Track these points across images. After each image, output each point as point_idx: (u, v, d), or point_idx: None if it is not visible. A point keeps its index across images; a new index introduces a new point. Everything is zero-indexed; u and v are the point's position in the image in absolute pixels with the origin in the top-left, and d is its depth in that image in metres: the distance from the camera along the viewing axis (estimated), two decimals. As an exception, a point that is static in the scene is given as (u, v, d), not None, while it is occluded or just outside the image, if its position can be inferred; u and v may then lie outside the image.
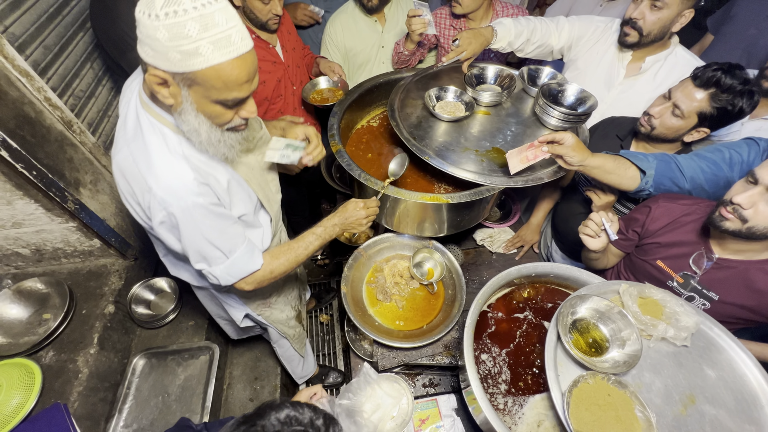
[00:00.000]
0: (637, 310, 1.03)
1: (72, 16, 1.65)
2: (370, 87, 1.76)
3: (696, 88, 1.23)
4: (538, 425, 1.04)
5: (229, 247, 1.06)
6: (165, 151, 0.92)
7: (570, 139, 1.22)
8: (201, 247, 1.01)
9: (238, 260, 1.08)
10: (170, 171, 0.92)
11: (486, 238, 1.87)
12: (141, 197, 0.94)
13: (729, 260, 1.13)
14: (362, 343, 1.65)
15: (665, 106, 1.29)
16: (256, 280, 1.15)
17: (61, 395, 1.48)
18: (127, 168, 0.93)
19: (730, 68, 1.19)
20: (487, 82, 1.67)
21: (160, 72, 0.79)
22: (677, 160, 1.27)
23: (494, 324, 1.24)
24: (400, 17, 2.11)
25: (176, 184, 0.92)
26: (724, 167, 1.24)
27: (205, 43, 0.76)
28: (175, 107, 0.87)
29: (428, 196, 1.31)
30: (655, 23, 1.43)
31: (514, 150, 1.24)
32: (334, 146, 1.46)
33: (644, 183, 1.26)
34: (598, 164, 1.25)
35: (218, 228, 1.01)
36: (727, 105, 1.20)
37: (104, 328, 1.68)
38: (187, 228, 0.96)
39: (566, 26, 1.68)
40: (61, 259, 1.82)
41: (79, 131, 1.63)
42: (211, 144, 0.93)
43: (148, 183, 0.90)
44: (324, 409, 0.74)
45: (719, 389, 0.96)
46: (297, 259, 1.22)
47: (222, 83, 0.82)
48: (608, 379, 0.93)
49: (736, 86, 1.18)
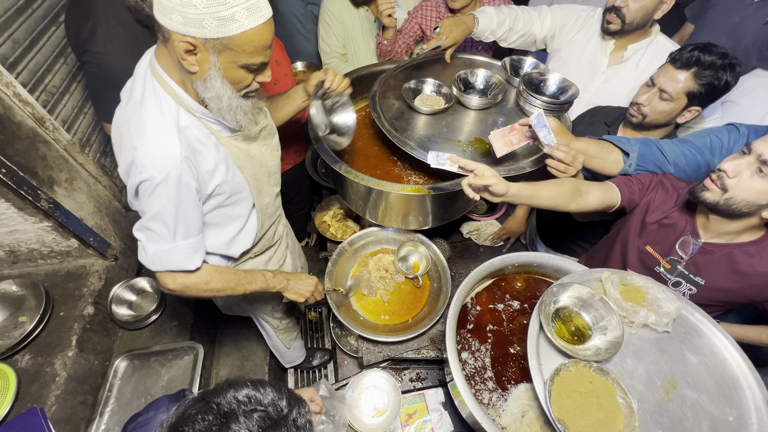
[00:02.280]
0: (618, 297, 1.02)
1: (43, 9, 1.60)
2: (353, 79, 1.73)
3: (677, 70, 1.24)
4: (522, 416, 1.03)
5: (181, 233, 1.01)
6: (159, 117, 0.93)
7: (553, 123, 1.21)
8: (154, 217, 0.97)
9: (179, 250, 1.02)
10: (158, 138, 0.92)
11: (473, 231, 1.86)
12: (126, 153, 0.95)
13: (713, 244, 1.13)
14: (348, 338, 1.63)
15: (652, 93, 1.30)
16: (184, 283, 1.07)
17: (37, 399, 1.43)
18: (121, 125, 0.97)
19: (705, 47, 1.21)
20: (476, 88, 1.60)
21: (191, 38, 0.83)
22: (659, 144, 1.27)
23: (478, 315, 1.23)
24: None
25: (159, 151, 0.92)
26: (705, 152, 1.25)
27: (240, 9, 0.81)
28: (200, 74, 0.90)
29: (410, 188, 1.29)
30: (638, 11, 1.43)
31: (497, 132, 1.23)
32: (315, 140, 1.43)
33: (627, 166, 1.26)
34: (582, 148, 1.24)
35: (181, 209, 0.98)
36: (713, 80, 1.21)
37: (83, 330, 1.63)
38: (152, 197, 0.94)
39: (549, 15, 1.67)
40: (38, 261, 1.76)
41: (52, 128, 1.58)
42: (230, 109, 0.98)
43: (134, 143, 0.92)
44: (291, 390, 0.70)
45: (701, 374, 0.96)
46: (236, 287, 1.17)
47: (252, 47, 0.88)
48: (590, 367, 0.92)
49: (717, 61, 1.19)
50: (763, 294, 1.09)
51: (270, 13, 0.88)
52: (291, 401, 0.67)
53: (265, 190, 1.27)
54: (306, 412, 0.68)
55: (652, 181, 1.24)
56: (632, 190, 1.23)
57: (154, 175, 0.91)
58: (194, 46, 0.84)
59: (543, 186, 1.15)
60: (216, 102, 0.95)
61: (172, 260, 1.03)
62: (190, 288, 1.09)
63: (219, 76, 0.91)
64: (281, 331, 1.78)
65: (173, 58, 0.91)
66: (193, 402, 0.64)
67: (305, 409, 0.68)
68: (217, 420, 0.61)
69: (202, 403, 0.63)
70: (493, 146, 1.23)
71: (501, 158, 1.33)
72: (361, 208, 1.53)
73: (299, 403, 0.68)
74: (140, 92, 0.95)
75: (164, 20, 0.82)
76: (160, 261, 1.02)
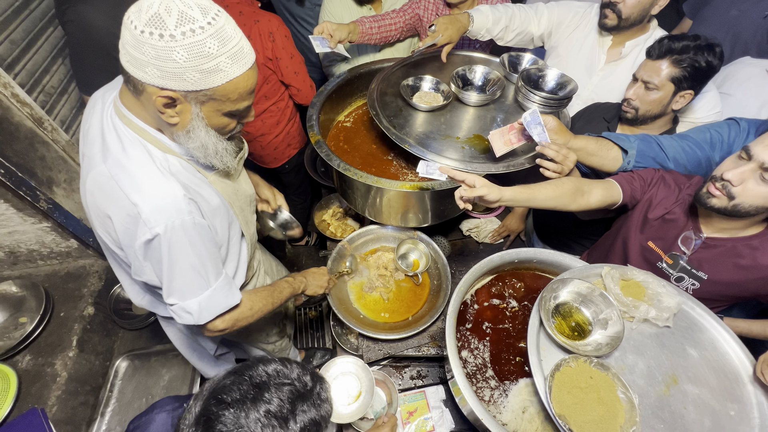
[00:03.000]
0: (618, 292, 1.02)
1: (40, 10, 1.60)
2: (351, 77, 1.74)
3: (655, 61, 1.26)
4: (523, 411, 1.02)
5: (213, 274, 0.95)
6: (152, 166, 0.85)
7: (552, 122, 1.21)
8: (182, 273, 0.90)
9: (218, 292, 0.96)
10: (158, 187, 0.84)
11: (472, 228, 1.86)
12: (121, 217, 0.85)
13: (716, 239, 1.12)
14: (348, 337, 1.63)
15: (638, 86, 1.32)
16: (233, 318, 1.03)
17: (38, 400, 1.44)
18: (104, 185, 0.85)
19: (673, 36, 1.24)
20: (475, 85, 1.59)
21: (170, 92, 0.76)
22: (659, 140, 1.27)
23: (478, 312, 1.23)
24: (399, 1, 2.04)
25: (166, 201, 0.84)
26: (705, 147, 1.25)
27: (224, 58, 0.75)
28: (181, 125, 0.83)
29: (409, 184, 1.29)
30: (634, 6, 1.42)
31: (496, 131, 1.23)
32: (313, 137, 1.43)
33: (626, 163, 1.26)
34: (580, 146, 1.24)
35: (206, 250, 0.92)
36: (693, 62, 1.22)
37: (83, 330, 1.63)
38: (173, 250, 0.86)
39: (545, 12, 1.66)
40: (38, 261, 1.77)
41: (50, 129, 1.58)
42: (217, 154, 0.91)
43: (132, 200, 0.82)
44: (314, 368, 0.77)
45: (702, 368, 0.96)
46: (274, 301, 1.16)
47: (237, 95, 0.82)
48: (590, 362, 0.91)
49: (689, 44, 1.21)
50: (767, 287, 1.09)
51: (254, 57, 0.82)
52: (314, 378, 0.74)
53: (249, 219, 1.24)
54: (327, 389, 0.75)
55: (654, 177, 1.23)
56: (634, 187, 1.22)
57: (166, 227, 0.83)
58: (174, 99, 0.77)
59: (541, 188, 1.13)
60: (202, 151, 0.88)
61: (218, 303, 0.98)
62: (239, 320, 1.05)
63: (203, 126, 0.84)
64: (277, 352, 1.75)
65: (148, 109, 0.83)
66: (226, 374, 0.70)
67: (326, 385, 0.76)
68: (251, 389, 0.66)
69: (235, 376, 0.68)
70: (493, 146, 1.23)
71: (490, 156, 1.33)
72: (360, 205, 1.53)
73: (321, 380, 0.75)
74: (117, 144, 0.85)
75: (137, 73, 0.74)
76: (206, 311, 0.96)
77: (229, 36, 0.75)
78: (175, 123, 0.82)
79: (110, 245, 0.96)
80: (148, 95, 0.77)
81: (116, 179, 0.83)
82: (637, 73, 1.33)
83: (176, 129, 0.84)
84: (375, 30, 1.85)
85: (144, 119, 0.86)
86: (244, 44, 0.79)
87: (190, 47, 0.71)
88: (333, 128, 1.75)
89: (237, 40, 0.77)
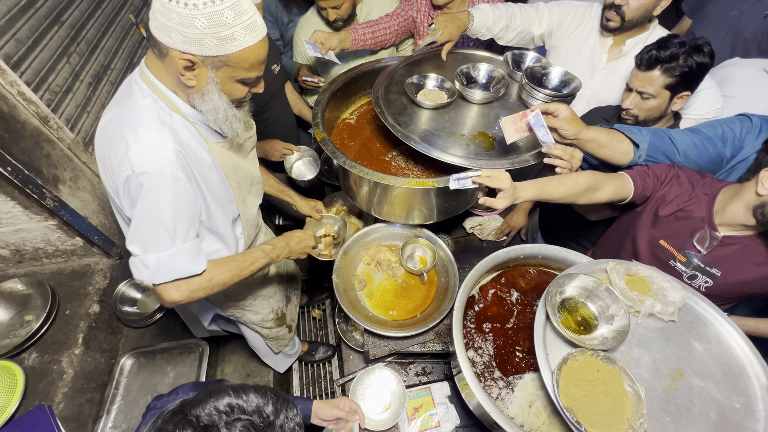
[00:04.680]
0: (624, 287, 1.03)
1: (46, 8, 1.60)
2: (355, 76, 1.74)
3: (645, 72, 1.25)
4: (530, 405, 1.03)
5: (181, 235, 0.95)
6: (154, 118, 0.94)
7: (565, 111, 1.19)
8: (150, 222, 0.92)
9: (181, 254, 0.95)
10: (152, 136, 0.92)
11: (476, 226, 1.87)
12: (114, 153, 0.92)
13: (732, 237, 1.12)
14: (353, 333, 1.63)
15: (633, 96, 1.33)
16: (190, 288, 0.99)
17: (45, 397, 1.44)
18: (111, 126, 0.95)
19: (659, 44, 1.22)
20: (479, 82, 1.59)
21: (190, 56, 0.86)
22: (671, 134, 1.26)
23: (484, 308, 1.24)
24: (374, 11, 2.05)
25: (154, 147, 0.91)
26: (717, 142, 1.25)
27: (239, 28, 0.84)
28: (197, 88, 0.93)
29: (414, 181, 1.30)
30: (638, 8, 1.43)
31: (508, 118, 1.22)
32: (318, 134, 1.44)
33: (637, 157, 1.25)
34: (592, 137, 1.23)
35: (179, 208, 0.94)
36: (684, 68, 1.21)
37: (89, 328, 1.64)
38: (148, 196, 0.90)
39: (546, 12, 1.67)
40: (43, 260, 1.77)
41: (56, 127, 1.58)
42: (226, 120, 1.00)
43: (126, 140, 0.90)
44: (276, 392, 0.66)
45: (707, 362, 0.97)
46: (240, 273, 1.11)
47: (249, 64, 0.92)
48: (597, 356, 0.92)
49: (677, 52, 1.20)
50: None
51: (265, 31, 0.92)
52: (278, 406, 0.63)
53: (248, 200, 1.26)
54: (295, 415, 0.65)
55: (669, 174, 1.22)
56: (646, 184, 1.21)
57: (147, 170, 0.89)
58: (193, 62, 0.87)
59: (556, 186, 1.15)
60: (213, 114, 0.97)
61: (178, 266, 0.96)
62: (197, 291, 1.01)
63: (217, 90, 0.93)
64: (272, 339, 1.77)
65: (169, 71, 0.93)
66: (171, 415, 0.59)
67: (293, 412, 0.65)
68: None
69: (180, 416, 0.58)
70: (504, 132, 1.22)
71: (504, 151, 1.33)
72: (366, 203, 1.54)
73: (287, 406, 0.64)
74: (130, 94, 0.96)
75: (163, 38, 0.85)
76: (165, 270, 0.94)
77: (245, 9, 0.85)
78: (192, 85, 0.92)
79: (112, 194, 1.02)
80: (171, 58, 0.87)
81: (120, 121, 0.93)
82: (630, 83, 1.32)
83: (193, 91, 0.94)
84: (369, 36, 1.88)
85: (163, 80, 0.96)
86: (257, 18, 0.88)
87: (210, 16, 0.80)
88: (337, 126, 1.76)
89: (251, 13, 0.86)
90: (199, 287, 1.01)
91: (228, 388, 0.63)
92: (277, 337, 1.78)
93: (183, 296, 0.99)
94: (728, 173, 1.30)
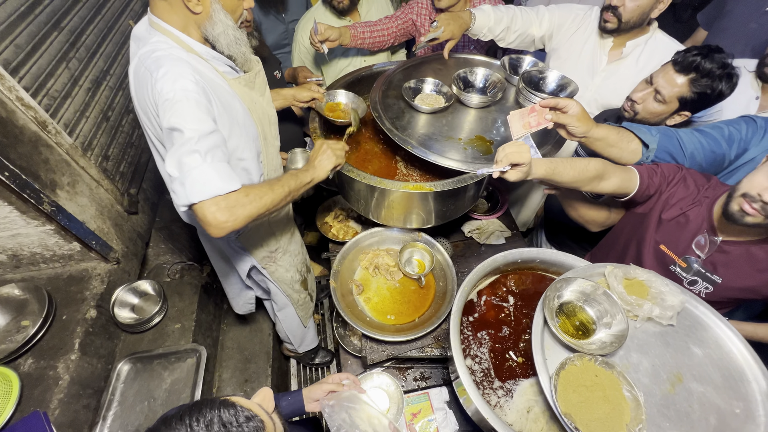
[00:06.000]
0: (622, 291, 1.02)
1: (45, 15, 1.61)
2: (353, 80, 1.75)
3: (677, 73, 1.23)
4: (528, 411, 1.02)
5: (210, 155, 0.95)
6: (169, 52, 1.01)
7: (575, 108, 1.17)
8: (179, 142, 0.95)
9: (213, 171, 0.94)
10: (172, 65, 0.98)
11: (474, 230, 1.86)
12: (147, 92, 1.01)
13: (731, 242, 1.11)
14: (351, 338, 1.62)
15: (648, 92, 1.30)
16: (229, 203, 0.95)
17: (40, 403, 1.43)
18: (137, 71, 1.04)
19: (709, 52, 1.19)
20: (476, 87, 1.60)
21: None
22: (679, 135, 1.25)
23: (482, 312, 1.23)
24: (372, 11, 2.09)
25: (176, 74, 0.98)
26: (723, 144, 1.24)
27: None
28: (205, 13, 1.02)
29: (412, 185, 1.30)
30: (634, 10, 1.44)
31: (516, 112, 1.20)
32: (316, 138, 1.44)
33: (645, 157, 1.24)
34: (602, 136, 1.22)
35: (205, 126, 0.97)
36: (707, 89, 1.20)
37: (86, 333, 1.63)
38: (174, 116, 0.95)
39: (546, 15, 1.68)
40: (40, 264, 1.76)
41: (54, 132, 1.58)
42: (236, 41, 1.10)
43: (153, 75, 0.98)
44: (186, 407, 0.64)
45: (706, 366, 0.96)
46: (273, 190, 1.06)
47: None
48: (595, 361, 0.92)
49: (715, 71, 1.18)
50: None
51: None
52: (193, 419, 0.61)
53: (269, 139, 1.33)
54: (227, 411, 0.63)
55: (677, 175, 1.19)
56: (651, 182, 1.18)
57: (171, 96, 0.96)
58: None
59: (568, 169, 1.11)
60: (224, 37, 1.07)
61: (212, 181, 0.94)
62: (236, 207, 0.97)
63: (220, 9, 1.03)
64: (300, 306, 1.83)
65: (175, 8, 1.01)
66: None
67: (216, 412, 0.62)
68: None
69: None
70: (511, 127, 1.20)
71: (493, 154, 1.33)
72: (363, 207, 1.54)
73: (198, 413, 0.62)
74: (146, 42, 1.04)
75: None
76: (201, 186, 0.93)
77: None
78: (199, 11, 1.00)
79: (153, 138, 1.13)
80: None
81: (144, 63, 1.01)
82: (654, 77, 1.30)
83: (201, 17, 1.03)
84: (367, 34, 1.90)
85: (172, 22, 1.04)
86: None
87: None
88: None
89: None
90: (237, 202, 0.97)
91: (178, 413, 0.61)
92: (304, 303, 1.86)
93: (225, 214, 0.95)
94: (732, 174, 1.30)
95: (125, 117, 2.02)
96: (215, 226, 0.95)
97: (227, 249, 1.53)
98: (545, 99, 1.19)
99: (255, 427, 0.63)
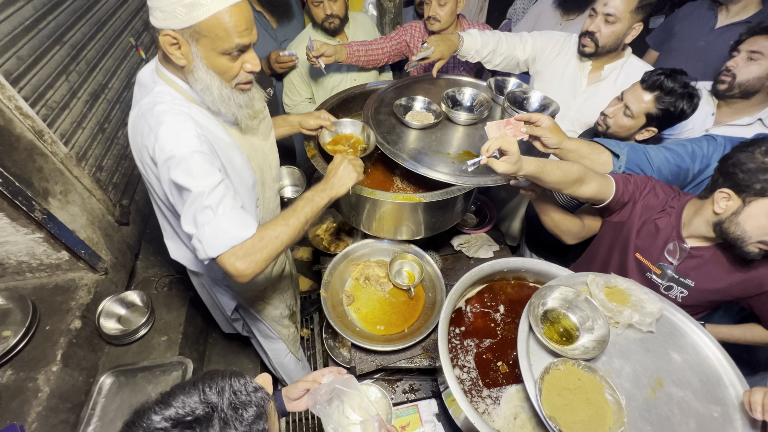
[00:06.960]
0: (603, 298, 1.06)
1: (49, 29, 1.66)
2: (346, 97, 1.82)
3: (644, 90, 1.34)
4: (515, 418, 1.03)
5: (217, 201, 0.96)
6: (171, 107, 0.98)
7: (547, 121, 1.26)
8: (190, 199, 0.95)
9: (227, 221, 0.96)
10: (174, 121, 0.96)
11: (463, 243, 1.90)
12: (147, 147, 0.98)
13: (700, 248, 1.18)
14: (341, 350, 1.62)
15: (618, 107, 1.41)
16: (246, 252, 0.97)
17: (17, 416, 1.38)
18: (136, 121, 1.01)
19: (672, 73, 1.30)
20: (464, 105, 1.68)
21: (171, 32, 0.90)
22: (646, 149, 1.34)
23: (469, 321, 1.25)
24: (359, 32, 2.20)
25: (176, 132, 0.95)
26: (687, 159, 1.34)
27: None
28: (188, 68, 0.96)
29: (402, 196, 1.34)
30: (609, 36, 1.55)
31: (493, 123, 1.27)
32: (309, 151, 1.49)
33: (617, 167, 1.33)
34: (574, 147, 1.30)
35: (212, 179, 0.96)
36: (669, 107, 1.31)
37: (69, 344, 1.59)
38: (181, 175, 0.94)
39: (529, 40, 1.80)
40: (26, 274, 1.74)
41: (50, 141, 1.60)
42: (222, 100, 1.01)
43: (154, 131, 0.95)
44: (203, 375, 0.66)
45: (685, 372, 0.99)
46: (287, 223, 1.06)
47: (224, 31, 0.91)
48: (579, 365, 0.94)
49: (677, 89, 1.29)
50: (747, 291, 1.14)
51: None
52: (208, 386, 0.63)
53: (267, 184, 1.31)
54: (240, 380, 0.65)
55: (648, 185, 1.26)
56: (626, 190, 1.25)
57: (175, 154, 0.94)
58: (176, 39, 0.91)
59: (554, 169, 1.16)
60: (207, 94, 0.99)
61: (228, 232, 0.95)
62: (254, 254, 0.98)
63: (203, 66, 0.95)
64: (291, 341, 1.77)
65: (168, 57, 0.97)
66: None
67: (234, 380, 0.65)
68: None
69: None
70: (488, 136, 1.27)
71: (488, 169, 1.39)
72: (355, 218, 1.57)
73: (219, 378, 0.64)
74: (149, 92, 1.01)
75: (152, 20, 0.91)
76: (217, 240, 0.94)
77: None
78: (183, 64, 0.96)
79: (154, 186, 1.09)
80: (161, 41, 0.91)
81: (144, 116, 0.98)
82: (625, 93, 1.41)
83: (186, 71, 0.97)
84: (362, 53, 1.99)
85: (173, 71, 1.01)
86: None
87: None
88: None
89: None
90: (254, 248, 0.99)
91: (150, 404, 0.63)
92: (293, 336, 1.81)
93: (243, 263, 0.97)
94: (697, 187, 1.39)
95: (121, 129, 2.05)
96: (238, 275, 0.99)
97: (213, 287, 1.48)
98: (520, 114, 1.27)
99: (262, 398, 0.66)
